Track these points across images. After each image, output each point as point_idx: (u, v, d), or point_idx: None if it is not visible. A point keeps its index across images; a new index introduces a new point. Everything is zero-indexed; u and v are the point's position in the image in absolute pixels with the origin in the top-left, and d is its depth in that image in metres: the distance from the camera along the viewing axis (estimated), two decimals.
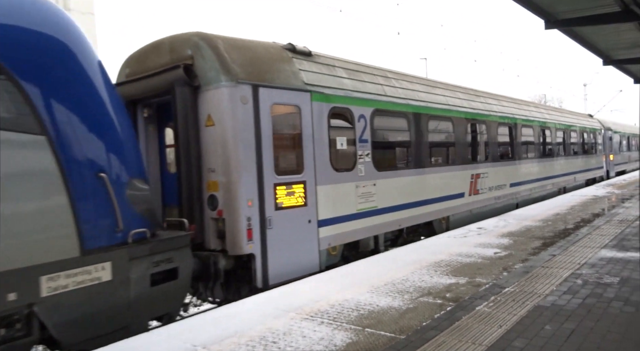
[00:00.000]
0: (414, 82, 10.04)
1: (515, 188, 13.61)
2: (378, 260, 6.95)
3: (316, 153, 7.06)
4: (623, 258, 6.39)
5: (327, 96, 7.36)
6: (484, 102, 12.64)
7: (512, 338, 3.83)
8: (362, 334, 4.06)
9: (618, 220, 9.70)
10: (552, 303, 4.66)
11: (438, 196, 9.95)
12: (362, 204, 7.85)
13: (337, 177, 7.42)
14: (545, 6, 10.83)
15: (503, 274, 5.81)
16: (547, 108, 18.51)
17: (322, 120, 7.23)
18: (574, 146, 19.44)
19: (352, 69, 8.34)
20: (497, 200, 12.56)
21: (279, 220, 6.46)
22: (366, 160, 7.99)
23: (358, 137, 7.87)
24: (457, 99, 11.26)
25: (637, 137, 35.03)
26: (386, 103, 8.66)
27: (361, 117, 7.97)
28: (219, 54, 6.18)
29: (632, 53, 16.56)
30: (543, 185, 15.67)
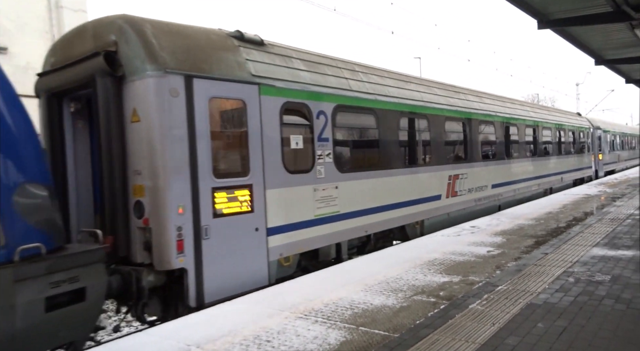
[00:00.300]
0: (384, 76, 9.38)
1: (497, 189, 13.05)
2: (372, 258, 6.97)
3: (266, 153, 6.35)
4: (614, 256, 6.45)
5: (280, 90, 6.65)
6: (464, 99, 12.06)
7: (505, 335, 3.86)
8: (356, 332, 4.07)
9: (609, 218, 9.79)
10: (545, 301, 4.69)
11: (411, 199, 9.35)
12: (321, 209, 7.18)
13: (291, 179, 6.74)
14: (538, 6, 10.90)
15: (496, 272, 5.85)
16: (532, 106, 17.89)
17: (273, 117, 6.51)
18: (561, 145, 18.94)
19: (312, 61, 7.61)
20: (478, 202, 11.99)
21: (218, 229, 5.73)
22: (327, 161, 7.31)
23: (317, 135, 7.17)
24: (433, 95, 10.64)
25: (627, 136, 34.70)
26: (351, 98, 8.00)
27: (321, 114, 7.27)
28: (145, 40, 5.44)
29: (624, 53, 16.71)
30: (528, 186, 15.19)
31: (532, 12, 11.21)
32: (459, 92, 12.06)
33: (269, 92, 6.51)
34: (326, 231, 7.29)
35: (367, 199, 8.19)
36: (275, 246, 6.46)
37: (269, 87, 6.52)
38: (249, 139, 6.20)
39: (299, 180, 6.87)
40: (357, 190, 7.98)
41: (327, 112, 7.43)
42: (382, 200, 8.57)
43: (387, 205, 8.70)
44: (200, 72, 5.73)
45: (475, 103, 12.43)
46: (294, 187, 6.78)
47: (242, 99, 6.18)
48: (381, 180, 8.55)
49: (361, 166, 8.44)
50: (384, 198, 8.60)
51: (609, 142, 28.01)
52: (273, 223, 6.44)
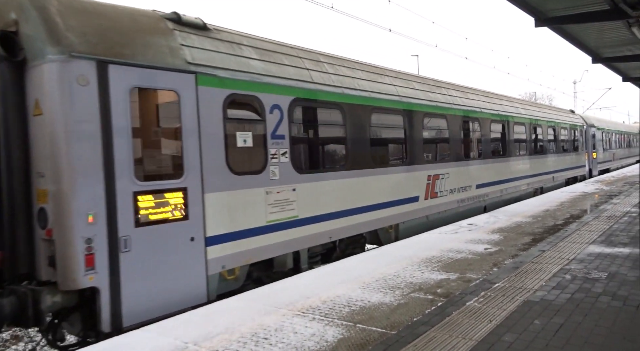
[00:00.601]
0: (355, 68, 8.68)
1: (482, 189, 12.35)
2: (369, 256, 6.97)
3: (205, 152, 5.62)
4: (611, 253, 6.47)
5: (223, 80, 5.92)
6: (446, 94, 11.33)
7: (502, 332, 3.87)
8: (354, 330, 4.07)
9: (606, 216, 9.82)
10: (541, 298, 4.71)
11: (383, 201, 8.62)
12: (275, 214, 6.46)
13: (238, 181, 6.02)
14: (535, 4, 10.90)
15: (493, 270, 5.86)
16: (522, 102, 17.01)
17: (214, 110, 5.78)
18: (553, 143, 18.29)
19: (267, 49, 6.88)
20: (461, 204, 11.33)
21: (141, 240, 4.99)
22: (282, 161, 6.59)
23: (270, 131, 6.44)
24: (411, 90, 9.89)
25: (622, 134, 34.17)
26: (312, 91, 7.21)
27: (275, 108, 6.52)
28: (47, 18, 4.68)
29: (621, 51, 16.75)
30: (516, 186, 14.55)
31: (530, 10, 11.21)
32: (440, 87, 11.37)
33: (209, 83, 5.75)
34: (281, 238, 6.57)
35: (332, 202, 7.46)
36: (216, 257, 5.72)
37: (210, 77, 5.77)
38: (183, 136, 5.45)
39: (247, 182, 6.14)
40: (320, 193, 7.22)
41: (283, 106, 6.68)
42: (350, 204, 7.85)
43: (356, 208, 7.98)
44: (119, 58, 4.93)
45: (458, 98, 11.76)
46: (241, 190, 6.05)
47: (175, 90, 5.42)
48: (348, 182, 7.82)
49: (324, 166, 7.71)
50: (351, 201, 7.89)
51: (604, 139, 27.44)
52: (214, 232, 5.69)
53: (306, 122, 7.37)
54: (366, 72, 8.88)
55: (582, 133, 22.69)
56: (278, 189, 6.56)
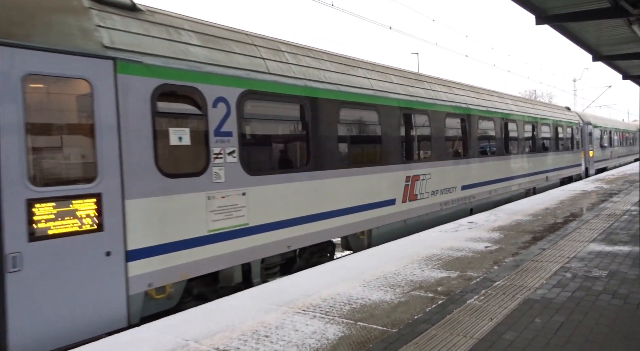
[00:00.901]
0: (323, 59, 7.90)
1: (468, 191, 11.60)
2: (369, 254, 6.97)
3: (126, 152, 4.85)
4: (611, 251, 6.48)
5: (152, 68, 5.16)
6: (428, 89, 10.56)
7: (503, 330, 3.87)
8: (354, 328, 4.07)
9: (606, 214, 9.82)
10: (542, 296, 4.71)
11: (354, 205, 7.88)
12: (219, 222, 5.71)
13: (171, 185, 5.25)
14: (537, 2, 10.88)
15: (494, 268, 5.86)
16: (514, 98, 16.14)
17: (140, 103, 5.02)
18: (547, 141, 17.49)
19: (213, 36, 6.13)
20: (444, 206, 10.59)
21: (37, 257, 4.23)
22: (229, 161, 5.86)
23: (214, 128, 5.70)
24: (388, 84, 9.15)
25: (620, 132, 33.24)
26: (268, 83, 6.45)
27: (220, 101, 5.80)
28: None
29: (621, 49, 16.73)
30: (506, 186, 13.84)
31: (531, 8, 11.20)
32: (422, 81, 10.64)
33: (133, 71, 4.99)
34: (227, 249, 5.82)
35: (291, 207, 6.71)
36: (141, 274, 4.94)
37: (134, 64, 5.00)
38: (97, 133, 4.68)
39: (183, 186, 5.38)
40: (276, 197, 6.48)
41: (231, 99, 5.95)
42: (313, 208, 7.07)
43: (320, 213, 7.20)
44: (6, 38, 4.18)
45: (442, 94, 11.01)
46: (175, 194, 5.29)
47: (86, 78, 4.64)
48: (311, 184, 7.06)
49: (282, 167, 6.89)
50: (315, 206, 7.11)
51: (601, 138, 26.66)
52: (137, 244, 4.93)
53: (261, 117, 6.62)
54: (335, 64, 8.12)
55: (578, 131, 22.01)
56: (223, 193, 5.79)
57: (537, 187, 16.43)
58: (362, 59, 9.26)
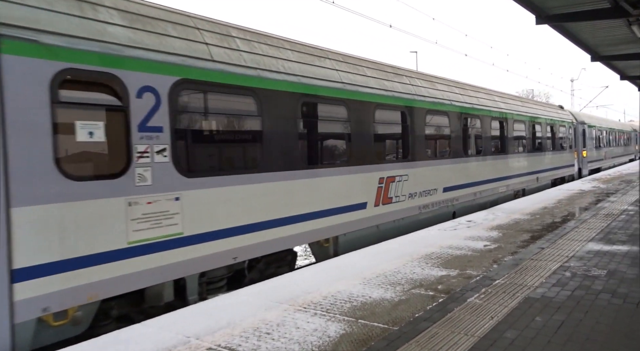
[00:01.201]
0: (284, 47, 7.11)
1: (451, 193, 10.94)
2: (369, 252, 6.98)
3: (12, 148, 4.08)
4: (610, 251, 6.51)
5: (52, 49, 4.36)
6: (407, 84, 9.82)
7: (504, 329, 3.88)
8: (356, 325, 4.08)
9: (604, 214, 9.87)
10: (542, 295, 4.73)
11: (316, 210, 7.15)
12: (144, 232, 4.92)
13: (77, 189, 4.45)
14: (537, 1, 10.90)
15: (493, 266, 5.88)
16: (502, 96, 15.39)
17: (33, 90, 4.21)
18: (538, 141, 16.86)
19: (143, 15, 5.30)
20: (423, 210, 9.89)
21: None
22: (159, 161, 5.08)
23: (138, 122, 4.90)
24: (360, 76, 8.42)
25: (615, 132, 32.63)
26: (211, 72, 5.70)
27: (147, 91, 5.03)
28: None
29: (620, 49, 16.78)
30: (493, 188, 13.18)
31: (531, 7, 11.22)
32: (400, 75, 9.84)
33: (24, 51, 4.19)
34: (155, 263, 5.03)
35: (238, 214, 5.95)
36: (31, 297, 4.13)
37: (27, 43, 4.20)
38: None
39: (95, 190, 4.57)
40: (219, 202, 5.72)
41: (162, 89, 5.17)
42: (265, 214, 6.32)
43: (274, 220, 6.45)
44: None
45: (423, 89, 10.29)
46: (82, 200, 4.49)
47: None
48: (264, 187, 6.32)
49: (227, 168, 6.06)
50: (268, 211, 6.37)
51: (595, 137, 26.02)
52: (28, 261, 4.12)
53: (201, 111, 5.81)
54: (299, 53, 7.35)
55: (572, 131, 21.39)
56: (149, 198, 4.99)
57: (527, 188, 15.93)
58: (331, 49, 8.41)
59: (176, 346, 3.77)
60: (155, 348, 3.74)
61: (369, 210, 8.33)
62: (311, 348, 3.63)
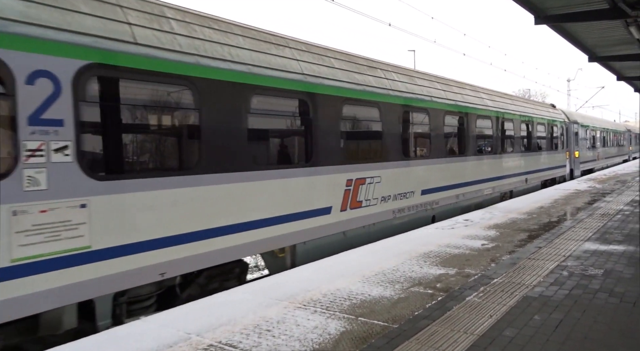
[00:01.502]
0: (233, 32, 6.29)
1: (430, 195, 10.11)
2: (367, 250, 7.00)
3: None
4: (606, 250, 6.56)
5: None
6: (381, 77, 8.98)
7: (503, 327, 3.92)
8: (356, 323, 4.10)
9: (600, 213, 9.93)
10: (540, 294, 4.76)
11: (269, 216, 6.34)
12: (35, 247, 4.12)
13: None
14: (536, 1, 10.93)
15: (491, 265, 5.91)
16: (491, 93, 14.43)
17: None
18: (527, 140, 16.11)
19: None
20: (398, 214, 9.07)
21: None
22: (58, 161, 4.28)
23: (29, 114, 4.10)
24: (325, 68, 7.62)
25: (609, 132, 31.79)
26: (132, 56, 4.88)
27: (42, 76, 4.22)
28: None
29: (617, 50, 16.86)
30: (477, 190, 12.35)
31: (530, 8, 11.25)
32: (374, 68, 9.01)
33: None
34: (48, 284, 4.21)
35: (166, 222, 5.14)
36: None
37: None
38: None
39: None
40: (140, 209, 4.89)
41: (63, 74, 4.35)
42: (202, 222, 5.49)
43: (214, 229, 5.62)
44: None
45: (399, 83, 9.47)
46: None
47: None
48: (200, 191, 5.48)
49: (152, 169, 5.29)
50: (205, 219, 5.53)
51: (588, 137, 25.23)
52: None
53: (119, 102, 4.94)
54: (251, 40, 6.51)
55: (563, 130, 20.56)
56: (43, 206, 4.17)
57: (515, 189, 15.21)
58: (293, 37, 7.57)
59: (177, 342, 3.78)
60: (156, 344, 3.75)
61: (334, 215, 7.52)
62: (312, 346, 3.65)
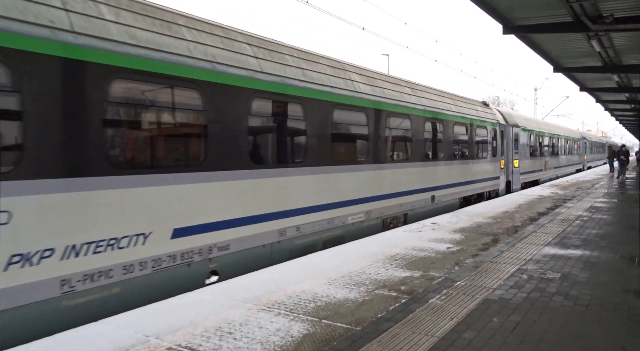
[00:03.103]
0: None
1: (202, 236, 5.79)
2: (335, 252, 7.01)
3: None
4: (564, 255, 6.79)
5: None
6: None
7: (463, 329, 3.99)
8: (319, 325, 4.09)
9: (560, 219, 10.28)
10: (500, 296, 4.88)
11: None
12: None
13: None
14: (505, 12, 11.26)
15: (455, 268, 6.03)
16: (390, 80, 10.57)
17: None
18: (435, 145, 12.15)
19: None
20: (127, 276, 4.99)
21: None
22: None
23: None
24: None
25: (559, 138, 27.52)
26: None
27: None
28: None
29: (580, 62, 17.54)
30: (332, 218, 8.08)
31: (499, 17, 11.58)
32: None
33: None
34: None
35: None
36: None
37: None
38: None
39: None
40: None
41: None
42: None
43: None
44: None
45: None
46: None
47: None
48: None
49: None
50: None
51: (532, 144, 21.64)
52: None
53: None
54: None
55: (497, 134, 16.60)
56: None
57: (413, 212, 10.92)
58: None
59: (135, 345, 3.68)
60: (112, 347, 3.64)
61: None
62: (273, 348, 3.62)
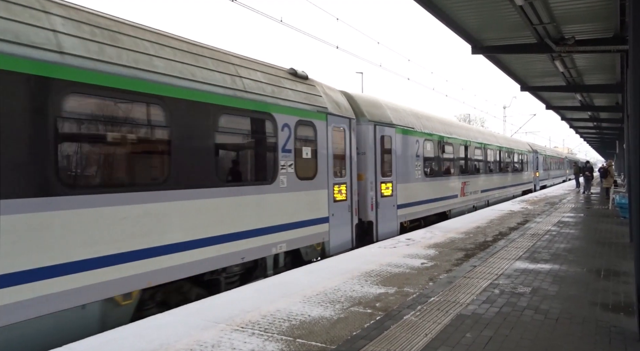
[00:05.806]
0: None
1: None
2: (312, 269, 6.98)
3: None
4: (534, 269, 6.94)
5: None
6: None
7: (437, 346, 4.01)
8: (293, 345, 4.04)
9: (530, 234, 10.54)
10: (473, 312, 4.94)
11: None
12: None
13: None
14: (473, 33, 11.67)
15: (429, 284, 6.08)
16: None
17: None
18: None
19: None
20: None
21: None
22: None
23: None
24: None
25: (490, 150, 19.26)
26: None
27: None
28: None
29: (545, 81, 18.26)
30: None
31: (468, 38, 12.00)
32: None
33: None
34: None
35: None
36: None
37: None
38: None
39: None
40: None
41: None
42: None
43: None
44: None
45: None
46: None
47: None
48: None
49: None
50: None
51: (431, 156, 13.47)
52: None
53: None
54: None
55: (329, 136, 8.89)
56: None
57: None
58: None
59: None
60: None
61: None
62: None
